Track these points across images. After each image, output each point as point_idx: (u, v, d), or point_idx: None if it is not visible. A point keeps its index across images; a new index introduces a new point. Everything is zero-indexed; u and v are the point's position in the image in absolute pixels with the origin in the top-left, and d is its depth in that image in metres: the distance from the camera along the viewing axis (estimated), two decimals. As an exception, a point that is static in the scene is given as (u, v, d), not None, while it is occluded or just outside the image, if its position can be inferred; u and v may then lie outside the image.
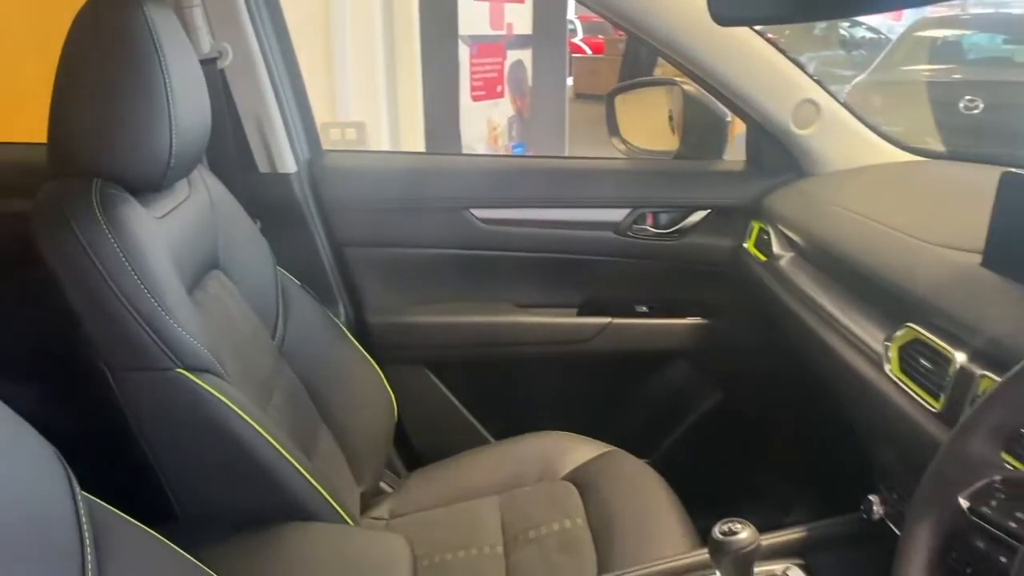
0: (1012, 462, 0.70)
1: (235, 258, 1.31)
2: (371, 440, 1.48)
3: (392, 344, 1.71)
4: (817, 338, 1.27)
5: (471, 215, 1.69)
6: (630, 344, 1.74)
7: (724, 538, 0.93)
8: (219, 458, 1.02)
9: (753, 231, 1.61)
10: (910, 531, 0.70)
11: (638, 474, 1.45)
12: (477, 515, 1.42)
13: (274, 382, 1.29)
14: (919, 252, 1.13)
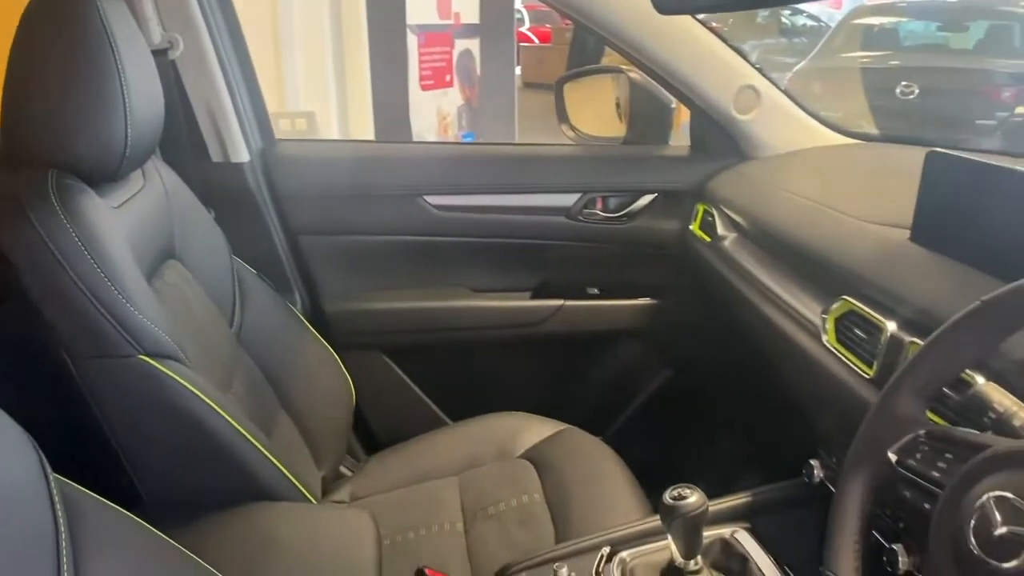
0: (935, 419, 0.76)
1: (191, 247, 1.32)
2: (330, 425, 1.50)
3: (349, 330, 1.73)
4: (759, 313, 1.33)
5: (424, 202, 1.71)
6: (582, 325, 1.79)
7: (674, 503, 0.98)
8: (183, 442, 1.03)
9: (698, 214, 1.67)
10: (844, 485, 0.75)
11: (592, 450, 1.50)
12: (437, 494, 1.45)
13: (233, 369, 1.30)
14: (853, 229, 1.19)
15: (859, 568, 0.72)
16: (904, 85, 5.86)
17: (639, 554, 1.10)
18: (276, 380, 1.40)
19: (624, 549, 1.11)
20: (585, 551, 1.12)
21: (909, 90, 5.84)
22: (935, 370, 0.73)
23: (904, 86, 5.86)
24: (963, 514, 0.61)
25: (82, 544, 0.65)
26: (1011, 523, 0.57)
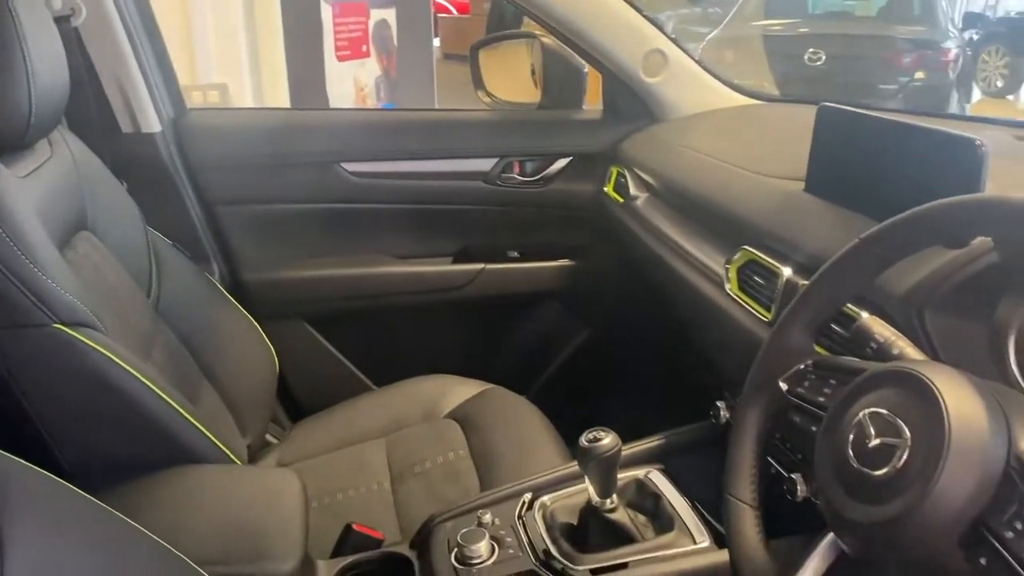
0: (821, 350, 0.82)
1: (103, 219, 1.30)
2: (253, 394, 1.50)
3: (270, 300, 1.73)
4: (669, 269, 1.39)
5: (341, 169, 1.72)
6: (503, 288, 1.83)
7: (589, 445, 1.03)
8: (103, 409, 1.03)
9: (612, 175, 1.72)
10: (741, 415, 0.81)
11: (516, 407, 1.54)
12: (364, 457, 1.48)
13: (152, 339, 1.29)
14: (753, 183, 1.25)
15: (756, 489, 0.78)
16: (812, 52, 6.06)
17: (559, 497, 1.15)
18: (196, 350, 1.39)
19: (545, 494, 1.16)
20: (508, 498, 1.17)
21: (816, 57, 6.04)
22: (820, 305, 0.79)
23: (812, 53, 6.06)
24: (843, 431, 0.67)
25: (5, 508, 0.65)
26: (883, 435, 0.63)
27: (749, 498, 0.78)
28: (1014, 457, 0.58)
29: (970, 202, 0.68)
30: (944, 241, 0.76)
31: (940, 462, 0.58)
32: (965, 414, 0.60)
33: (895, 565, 0.64)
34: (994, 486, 0.58)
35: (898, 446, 0.62)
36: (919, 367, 0.65)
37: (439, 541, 1.11)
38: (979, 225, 0.69)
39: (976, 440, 0.59)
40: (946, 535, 0.58)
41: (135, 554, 0.76)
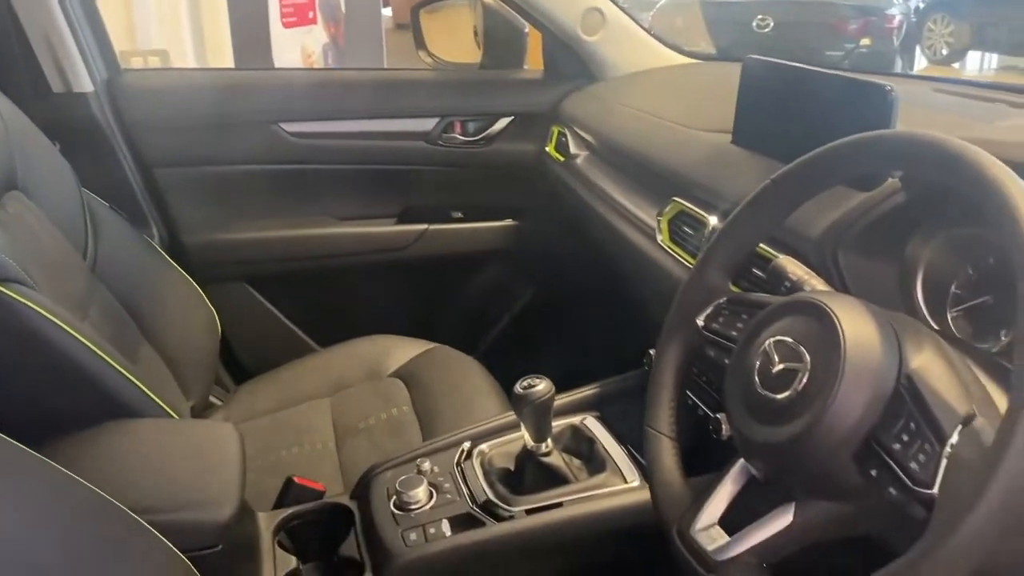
0: (735, 288, 0.85)
1: (34, 179, 1.28)
2: (195, 356, 1.50)
3: (210, 262, 1.72)
4: (606, 223, 1.42)
5: (281, 129, 1.70)
6: (448, 248, 1.84)
7: (524, 391, 1.06)
8: (37, 366, 1.02)
9: (553, 135, 1.73)
10: (661, 351, 0.84)
11: (460, 364, 1.56)
12: (308, 416, 1.49)
13: (88, 300, 1.28)
14: (683, 137, 1.28)
15: (674, 422, 0.81)
16: (760, 18, 6.12)
17: (496, 445, 1.18)
18: (135, 311, 1.38)
19: (483, 442, 1.19)
20: (447, 447, 1.19)
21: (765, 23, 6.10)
22: (735, 245, 0.82)
23: (760, 19, 6.12)
24: (750, 360, 0.70)
25: None
26: (786, 361, 0.67)
27: (667, 430, 0.81)
28: (904, 376, 0.62)
29: (872, 139, 0.71)
30: (850, 179, 0.79)
31: (836, 383, 0.62)
32: (860, 338, 0.63)
33: (798, 484, 0.67)
34: (885, 404, 0.61)
35: (799, 370, 0.65)
36: (820, 296, 0.68)
37: (378, 490, 1.13)
38: (881, 161, 0.72)
39: (869, 362, 0.62)
40: (842, 450, 0.62)
41: (70, 502, 0.77)
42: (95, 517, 0.79)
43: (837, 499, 0.65)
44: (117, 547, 0.79)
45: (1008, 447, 0.51)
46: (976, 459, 0.54)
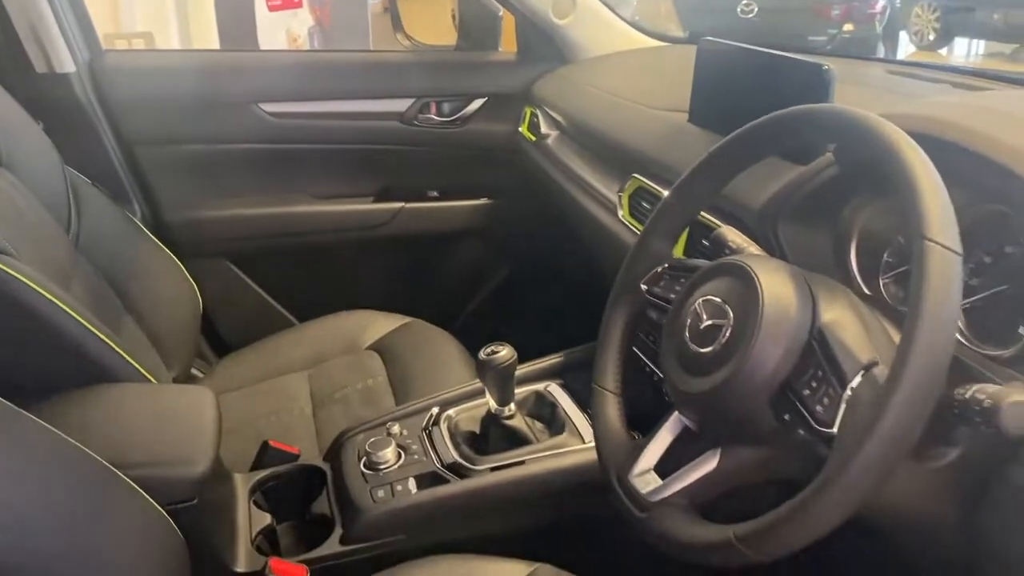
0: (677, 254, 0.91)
1: (18, 156, 1.32)
2: (177, 329, 1.54)
3: (192, 239, 1.77)
4: (573, 200, 1.47)
5: (260, 109, 1.75)
6: (424, 226, 1.89)
7: (488, 357, 1.11)
8: (21, 333, 1.06)
9: (526, 115, 1.78)
10: (608, 314, 0.90)
11: (435, 338, 1.61)
12: (286, 387, 1.54)
13: (71, 273, 1.32)
14: (644, 116, 1.33)
15: (619, 380, 0.87)
16: (744, 4, 6.16)
17: (463, 410, 1.24)
18: (118, 285, 1.43)
19: (451, 408, 1.24)
20: (417, 413, 1.25)
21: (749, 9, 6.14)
22: (677, 213, 0.88)
23: (744, 5, 6.16)
24: (682, 318, 0.76)
25: None
26: (713, 317, 0.72)
27: (612, 387, 0.87)
28: (816, 330, 0.67)
29: (788, 114, 0.76)
30: (776, 152, 0.85)
31: (754, 337, 0.67)
32: (777, 296, 0.69)
33: (723, 430, 0.73)
34: (798, 354, 0.67)
35: (723, 326, 0.71)
36: (744, 259, 0.74)
37: (350, 452, 1.19)
38: (799, 134, 0.77)
39: (784, 317, 0.68)
40: (759, 397, 0.67)
41: (51, 455, 0.82)
42: (75, 469, 0.83)
43: (757, 444, 0.70)
44: (96, 497, 0.84)
45: (897, 385, 0.57)
46: (871, 399, 0.60)
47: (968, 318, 0.83)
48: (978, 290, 0.83)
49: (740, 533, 0.64)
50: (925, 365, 0.57)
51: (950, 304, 0.58)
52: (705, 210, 1.03)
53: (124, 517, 0.86)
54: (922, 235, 0.59)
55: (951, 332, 0.58)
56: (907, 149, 0.63)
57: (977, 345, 0.80)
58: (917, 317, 0.57)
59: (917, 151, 0.63)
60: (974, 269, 0.84)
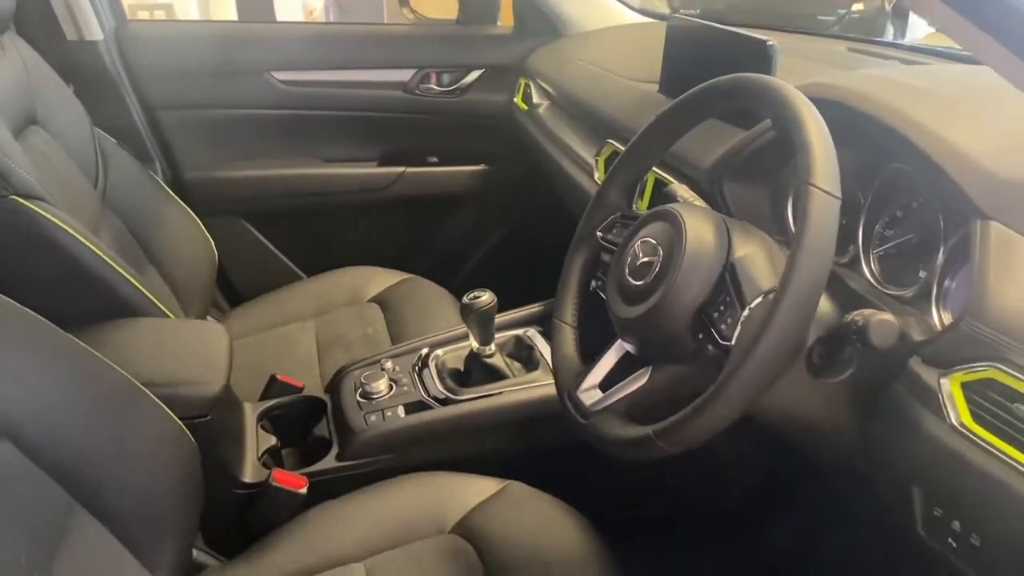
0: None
1: (52, 115, 1.46)
2: (194, 279, 1.68)
3: (209, 198, 1.90)
4: (558, 165, 1.59)
5: (272, 77, 1.88)
6: (424, 189, 2.02)
7: (470, 301, 1.24)
8: (56, 272, 1.19)
9: (520, 86, 1.90)
10: (569, 257, 1.02)
11: (432, 293, 1.75)
12: (294, 334, 1.68)
13: (99, 223, 1.46)
14: (621, 87, 1.45)
15: (575, 315, 1.00)
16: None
17: (450, 350, 1.37)
18: (140, 237, 1.56)
19: (439, 348, 1.38)
20: (408, 352, 1.38)
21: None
22: (630, 168, 1.00)
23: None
24: (624, 257, 0.88)
25: None
26: (647, 255, 0.85)
27: (569, 320, 0.99)
28: (729, 264, 0.80)
29: (726, 80, 0.88)
30: (716, 114, 0.96)
31: (677, 270, 0.80)
32: (698, 236, 0.81)
33: (653, 351, 0.86)
34: (712, 284, 0.79)
35: (654, 262, 0.83)
36: (676, 206, 0.86)
37: (347, 384, 1.33)
38: (735, 98, 0.89)
39: (702, 253, 0.80)
40: (680, 321, 0.80)
41: (85, 366, 0.96)
42: (105, 380, 0.97)
43: (679, 362, 0.83)
44: (123, 406, 0.98)
45: (780, 301, 0.69)
46: (762, 316, 0.73)
47: (881, 264, 0.96)
48: (889, 239, 0.95)
49: (657, 430, 0.77)
50: (804, 286, 0.69)
51: (827, 237, 0.70)
52: (660, 168, 1.15)
53: (147, 425, 0.99)
54: (807, 181, 0.71)
55: (827, 259, 0.70)
56: (802, 109, 0.75)
57: (886, 287, 0.93)
58: (799, 248, 0.70)
59: (811, 111, 0.75)
60: (888, 222, 0.96)
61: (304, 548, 1.07)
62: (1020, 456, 0.66)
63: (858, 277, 0.95)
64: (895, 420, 0.78)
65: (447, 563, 1.01)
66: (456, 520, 1.07)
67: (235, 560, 1.09)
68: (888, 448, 0.80)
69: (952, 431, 0.71)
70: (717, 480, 1.36)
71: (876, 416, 0.81)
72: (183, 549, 1.02)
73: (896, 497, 0.79)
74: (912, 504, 0.78)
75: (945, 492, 0.74)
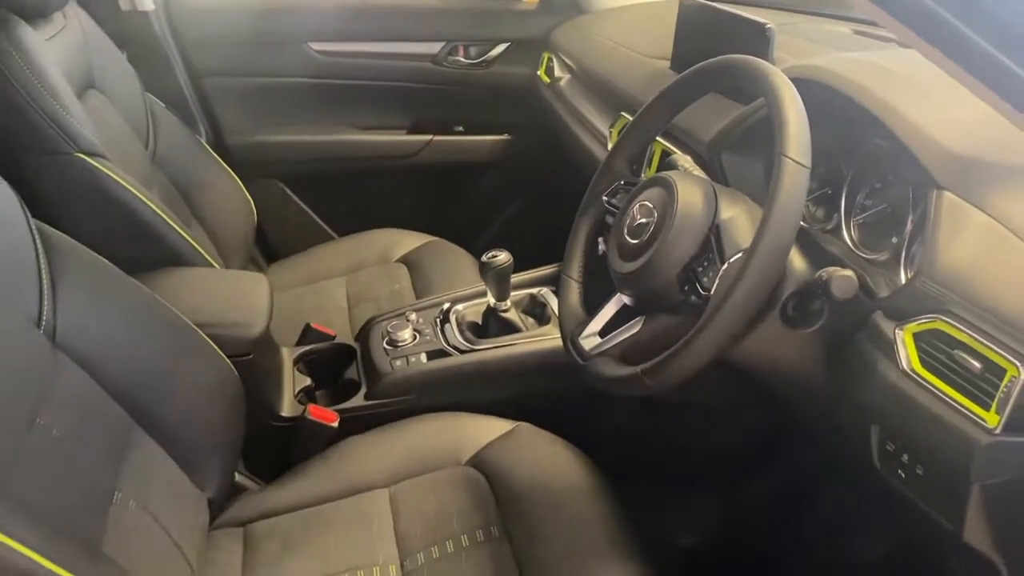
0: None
1: (108, 80, 1.58)
2: (235, 236, 1.80)
3: (249, 160, 2.03)
4: (575, 136, 1.69)
5: (309, 48, 1.99)
6: (450, 157, 2.13)
7: (488, 260, 1.36)
8: (111, 221, 1.31)
9: (543, 60, 2.00)
10: (577, 219, 1.13)
11: (455, 255, 1.86)
12: (327, 289, 1.80)
13: (151, 181, 1.59)
14: (636, 63, 1.54)
15: (581, 271, 1.10)
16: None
17: (469, 306, 1.49)
18: (187, 194, 1.69)
19: (459, 304, 1.50)
20: (432, 306, 1.50)
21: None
22: (635, 139, 1.10)
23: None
24: (624, 218, 0.99)
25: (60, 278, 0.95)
26: (644, 217, 0.95)
27: (576, 276, 1.10)
28: (714, 226, 0.90)
29: (720, 61, 0.98)
30: (712, 91, 1.06)
31: (667, 230, 0.90)
32: (688, 201, 0.91)
33: (646, 303, 0.96)
34: (699, 243, 0.90)
35: (650, 223, 0.94)
36: (671, 174, 0.96)
37: (375, 333, 1.45)
38: (727, 77, 0.99)
39: (691, 215, 0.90)
40: (669, 275, 0.91)
41: (147, 305, 1.09)
42: (163, 316, 1.10)
43: (668, 312, 0.94)
44: (180, 343, 1.11)
45: (752, 255, 0.79)
46: (736, 269, 0.83)
47: (860, 231, 1.05)
48: (869, 208, 1.05)
49: (644, 368, 0.88)
50: (773, 242, 0.79)
51: (795, 202, 0.80)
52: (666, 139, 1.25)
53: (197, 359, 1.12)
54: (780, 152, 0.81)
55: (795, 221, 0.80)
56: (781, 88, 0.85)
57: (863, 251, 1.02)
58: (770, 211, 0.80)
59: (789, 90, 0.85)
60: (868, 193, 1.05)
61: (334, 475, 1.20)
62: (957, 395, 0.76)
63: (839, 242, 1.05)
64: (858, 366, 0.89)
65: (462, 490, 1.13)
66: (471, 454, 1.19)
67: (272, 484, 1.22)
68: (851, 391, 0.90)
69: (903, 375, 0.82)
70: (709, 432, 1.46)
71: (842, 363, 0.91)
72: (227, 472, 1.15)
73: (857, 435, 0.90)
74: (870, 440, 0.89)
75: (896, 428, 0.85)
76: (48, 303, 0.92)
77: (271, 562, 1.07)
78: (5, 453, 0.75)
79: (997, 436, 0.73)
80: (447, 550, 1.05)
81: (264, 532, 1.12)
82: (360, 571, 1.04)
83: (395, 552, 1.06)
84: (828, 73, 0.99)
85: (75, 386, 0.93)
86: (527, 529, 1.06)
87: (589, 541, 1.04)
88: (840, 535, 1.36)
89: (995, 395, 0.73)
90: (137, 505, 0.92)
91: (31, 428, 0.81)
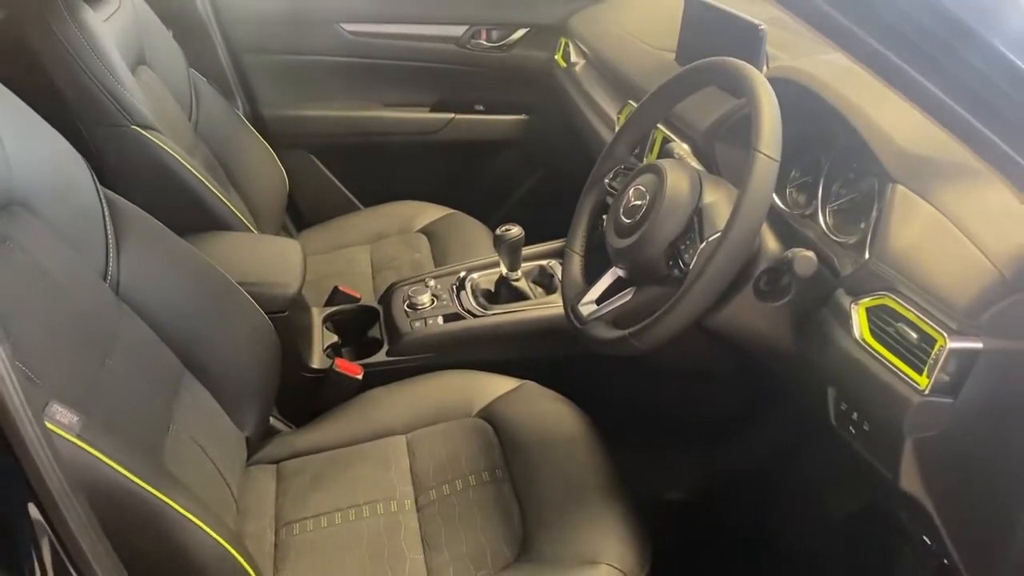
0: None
1: (157, 57, 1.71)
2: (269, 203, 1.94)
3: (283, 133, 2.16)
4: (586, 119, 1.81)
5: (341, 28, 2.11)
6: (470, 135, 2.25)
7: (501, 233, 1.49)
8: (164, 191, 1.44)
9: (561, 45, 2.11)
10: (581, 201, 1.25)
11: (472, 227, 1.99)
12: (352, 256, 1.94)
13: (194, 150, 1.72)
14: (643, 53, 1.66)
15: (583, 245, 1.23)
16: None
17: (483, 275, 1.62)
18: (225, 163, 1.82)
19: (475, 272, 1.63)
20: (449, 274, 1.64)
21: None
22: (636, 127, 1.22)
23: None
24: (621, 200, 1.11)
25: (121, 232, 1.09)
26: (638, 199, 1.08)
27: (578, 249, 1.23)
28: (697, 209, 1.02)
29: (708, 62, 1.09)
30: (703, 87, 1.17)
31: (657, 212, 1.03)
32: (676, 186, 1.04)
33: (637, 275, 1.09)
34: (683, 224, 1.02)
35: (642, 204, 1.06)
36: (663, 162, 1.09)
37: (397, 297, 1.59)
38: (714, 76, 1.10)
39: (678, 199, 1.03)
40: (656, 251, 1.03)
41: (196, 264, 1.22)
42: (208, 274, 1.23)
43: (655, 284, 1.07)
44: (224, 298, 1.24)
45: (725, 236, 0.92)
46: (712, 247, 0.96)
47: (834, 217, 1.17)
48: (842, 197, 1.16)
49: (632, 331, 1.01)
50: (743, 226, 0.92)
51: (765, 190, 0.92)
52: (668, 128, 1.37)
53: (239, 314, 1.26)
54: (753, 146, 0.93)
55: (763, 207, 0.92)
56: (758, 87, 0.97)
57: (836, 235, 1.14)
58: (742, 198, 0.92)
59: (765, 90, 0.97)
60: (843, 183, 1.17)
61: (358, 421, 1.34)
62: (897, 362, 0.89)
63: (816, 226, 1.17)
64: (819, 335, 1.01)
65: (471, 438, 1.27)
66: (480, 407, 1.33)
67: (302, 428, 1.36)
68: (813, 357, 1.03)
69: (855, 344, 0.94)
70: (698, 395, 1.60)
71: (807, 332, 1.04)
72: (263, 415, 1.30)
73: (817, 395, 1.03)
74: (827, 401, 1.02)
75: (849, 390, 0.98)
76: (113, 260, 1.06)
77: (301, 494, 1.21)
78: (88, 386, 0.89)
79: (927, 396, 0.86)
80: (456, 487, 1.19)
81: (295, 469, 1.26)
82: (379, 504, 1.18)
83: (410, 489, 1.20)
84: (803, 74, 1.11)
85: (135, 333, 1.06)
86: (528, 472, 1.20)
87: (582, 484, 1.18)
88: (816, 491, 1.49)
89: (927, 361, 0.86)
90: (188, 438, 1.06)
91: (103, 366, 0.95)
